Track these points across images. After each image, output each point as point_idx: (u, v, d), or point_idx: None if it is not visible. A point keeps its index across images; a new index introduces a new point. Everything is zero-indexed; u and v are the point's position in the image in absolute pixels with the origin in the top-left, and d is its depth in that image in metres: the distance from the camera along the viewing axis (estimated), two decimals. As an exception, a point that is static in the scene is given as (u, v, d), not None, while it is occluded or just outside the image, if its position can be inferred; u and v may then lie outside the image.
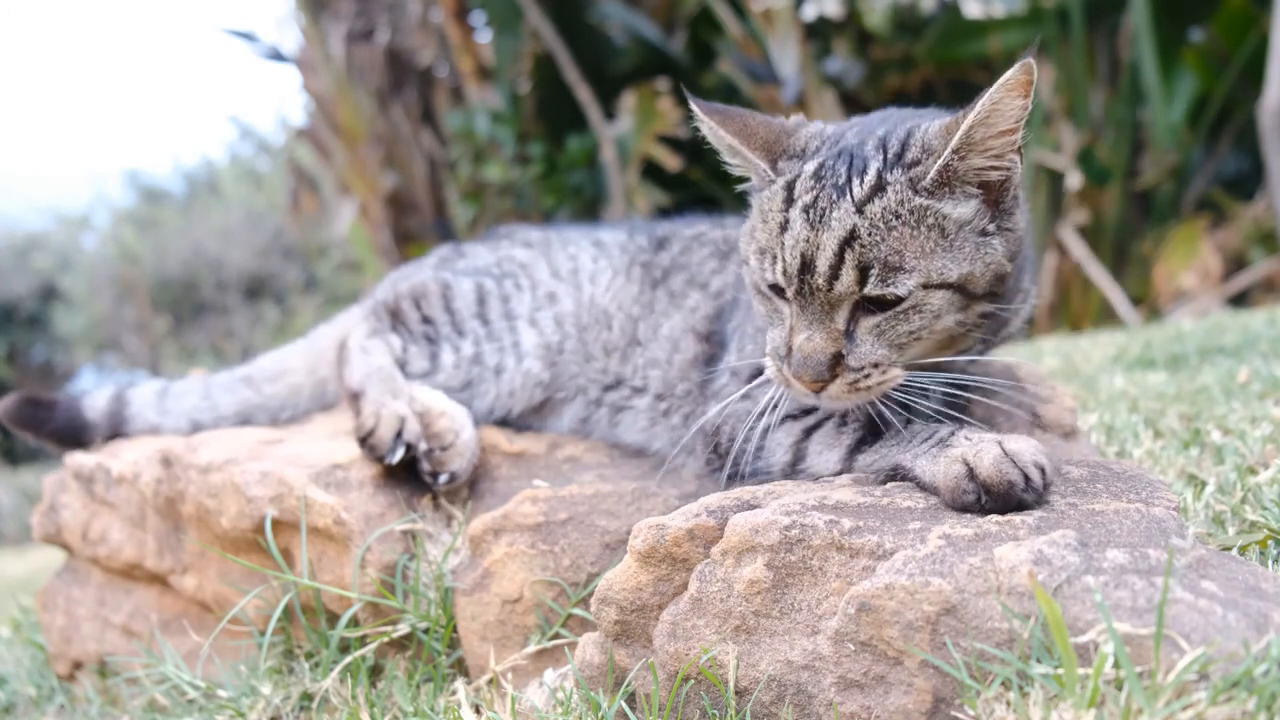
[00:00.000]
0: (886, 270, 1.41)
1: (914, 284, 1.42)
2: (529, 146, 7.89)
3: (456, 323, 2.18)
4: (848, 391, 1.47)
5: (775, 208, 1.51)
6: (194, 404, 2.31)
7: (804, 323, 1.47)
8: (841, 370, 1.45)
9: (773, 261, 1.49)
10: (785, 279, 1.47)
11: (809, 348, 1.45)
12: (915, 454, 1.46)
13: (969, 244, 1.45)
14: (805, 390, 1.48)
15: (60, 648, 2.30)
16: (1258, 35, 6.25)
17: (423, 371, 2.15)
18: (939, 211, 1.43)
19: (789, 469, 1.63)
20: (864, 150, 1.49)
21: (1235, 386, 2.61)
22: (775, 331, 1.53)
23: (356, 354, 2.12)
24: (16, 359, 17.77)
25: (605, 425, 2.11)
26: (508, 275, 2.23)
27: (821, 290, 1.44)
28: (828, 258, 1.42)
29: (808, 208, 1.46)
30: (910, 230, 1.42)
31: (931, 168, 1.43)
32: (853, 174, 1.46)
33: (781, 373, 1.50)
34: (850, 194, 1.44)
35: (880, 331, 1.46)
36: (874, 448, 1.53)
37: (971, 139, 1.41)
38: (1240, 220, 6.62)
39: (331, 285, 15.79)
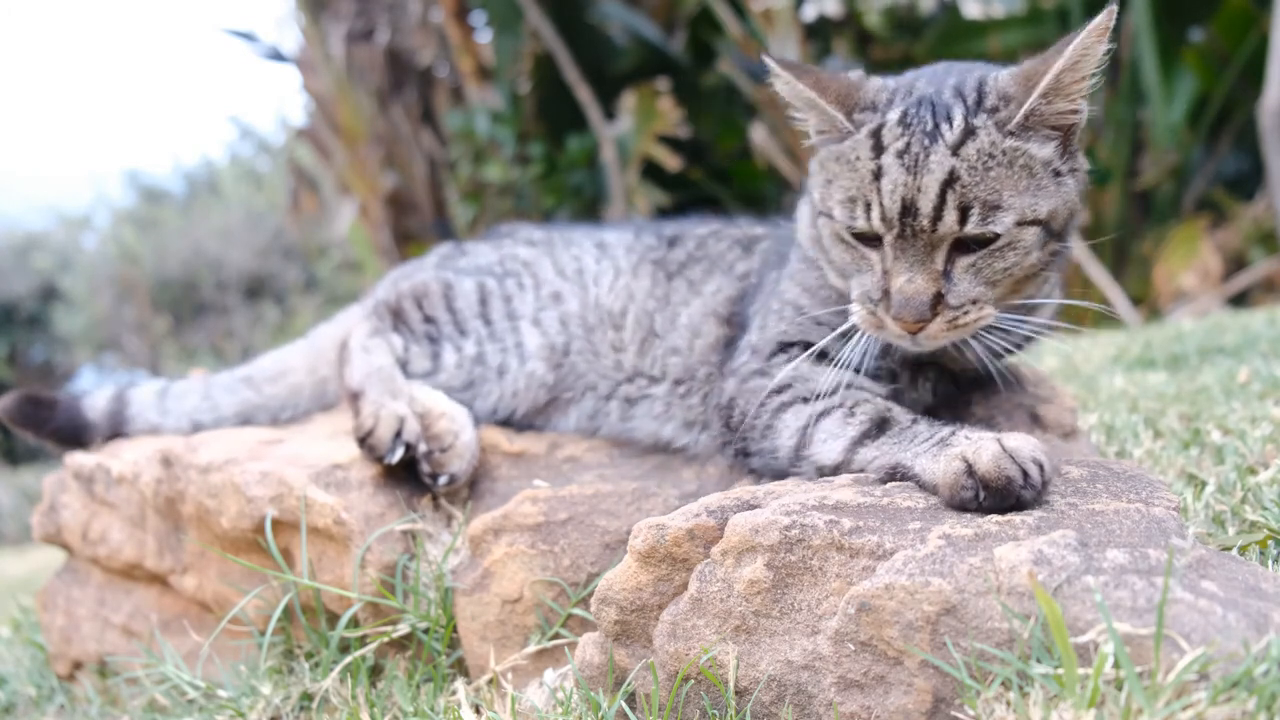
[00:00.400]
0: (986, 209, 1.48)
1: (1011, 221, 1.49)
2: (529, 146, 7.89)
3: (459, 322, 2.18)
4: (946, 329, 1.54)
5: (863, 156, 1.54)
6: (195, 404, 2.31)
7: (904, 265, 1.52)
8: (941, 309, 1.52)
9: (865, 209, 1.53)
10: (884, 224, 1.51)
11: (910, 289, 1.51)
12: (915, 453, 1.48)
13: (1051, 182, 1.53)
14: (900, 331, 1.54)
15: (60, 648, 2.30)
16: (1258, 35, 6.25)
17: (424, 371, 2.15)
18: (1027, 152, 1.51)
19: (793, 453, 1.65)
20: (943, 98, 1.55)
21: (1235, 386, 2.61)
22: (863, 278, 1.59)
23: (357, 354, 2.12)
24: (16, 359, 17.77)
25: (616, 419, 2.09)
26: (510, 274, 2.23)
27: (925, 231, 1.49)
28: (930, 199, 1.48)
29: (901, 153, 1.50)
30: (1004, 170, 1.49)
31: (1018, 111, 1.50)
32: (939, 120, 1.52)
33: (875, 315, 1.56)
34: (943, 138, 1.50)
35: (977, 269, 1.53)
36: (877, 443, 1.56)
37: (1060, 83, 1.49)
38: (1240, 220, 6.62)
39: (331, 285, 15.79)
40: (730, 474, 1.87)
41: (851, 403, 1.63)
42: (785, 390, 1.69)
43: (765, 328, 1.84)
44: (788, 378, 1.69)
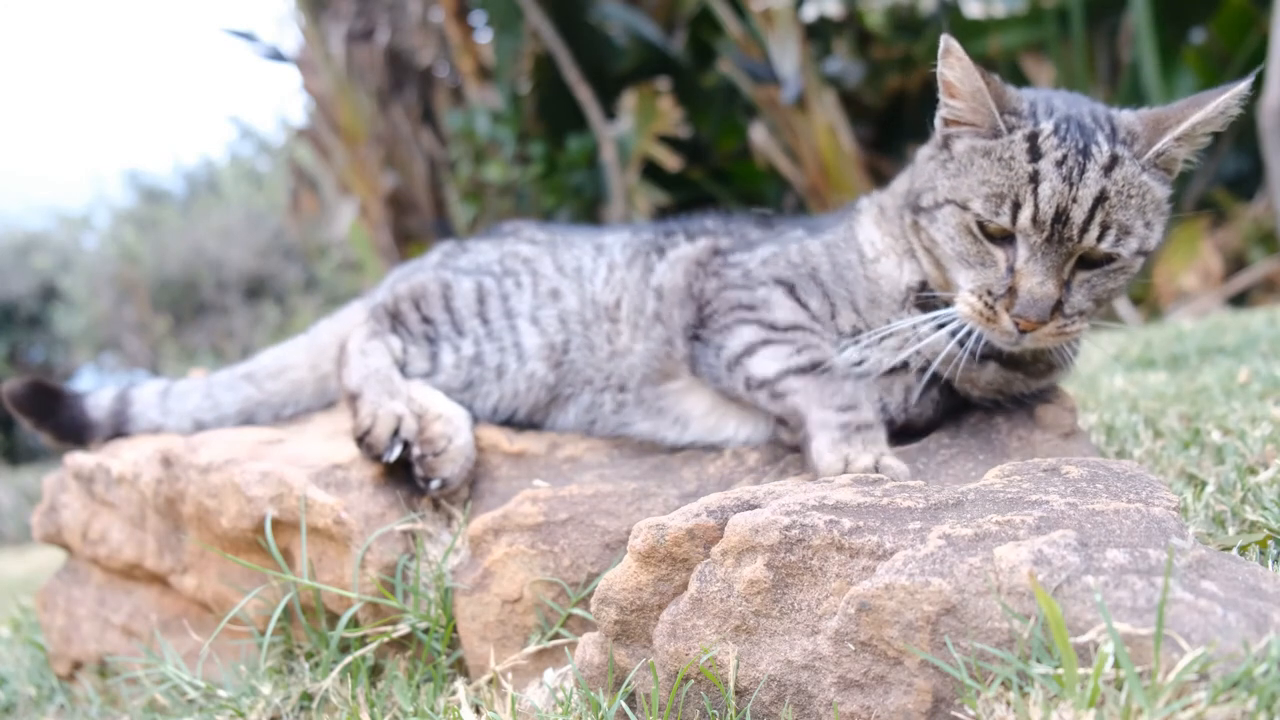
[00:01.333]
0: (1120, 231, 1.59)
1: (1134, 247, 1.61)
2: (529, 146, 7.89)
3: (456, 322, 2.18)
4: (1053, 334, 1.63)
5: (1018, 157, 1.61)
6: (197, 403, 2.31)
7: (1039, 268, 1.59)
8: (1057, 315, 1.61)
9: (1013, 208, 1.60)
10: (1034, 226, 1.58)
11: (1041, 292, 1.59)
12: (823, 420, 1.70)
13: (1160, 222, 1.65)
14: (1011, 328, 1.61)
15: (60, 648, 2.30)
16: (1258, 35, 6.25)
17: (423, 372, 2.15)
18: (1151, 188, 1.62)
19: (734, 358, 1.86)
20: (1085, 121, 1.65)
21: (1235, 386, 2.61)
22: (985, 272, 1.65)
23: (355, 356, 2.12)
24: (16, 359, 17.77)
25: (610, 409, 2.10)
26: (509, 273, 2.23)
27: (1070, 240, 1.58)
28: (1083, 212, 1.57)
29: (1059, 163, 1.58)
30: (1136, 200, 1.60)
31: (1149, 149, 1.61)
32: (1089, 141, 1.61)
33: (990, 308, 1.63)
34: (1095, 158, 1.59)
35: (1090, 285, 1.63)
36: (802, 378, 1.76)
37: (1194, 132, 1.62)
38: (1240, 220, 6.62)
39: (331, 285, 15.79)
40: (730, 473, 1.87)
41: (802, 344, 1.81)
42: (751, 310, 1.89)
43: (771, 264, 1.95)
44: (759, 299, 1.89)
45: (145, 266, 17.13)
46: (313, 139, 9.25)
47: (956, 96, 1.70)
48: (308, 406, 2.37)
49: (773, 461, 1.86)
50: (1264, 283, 6.41)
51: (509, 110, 8.00)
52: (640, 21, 7.86)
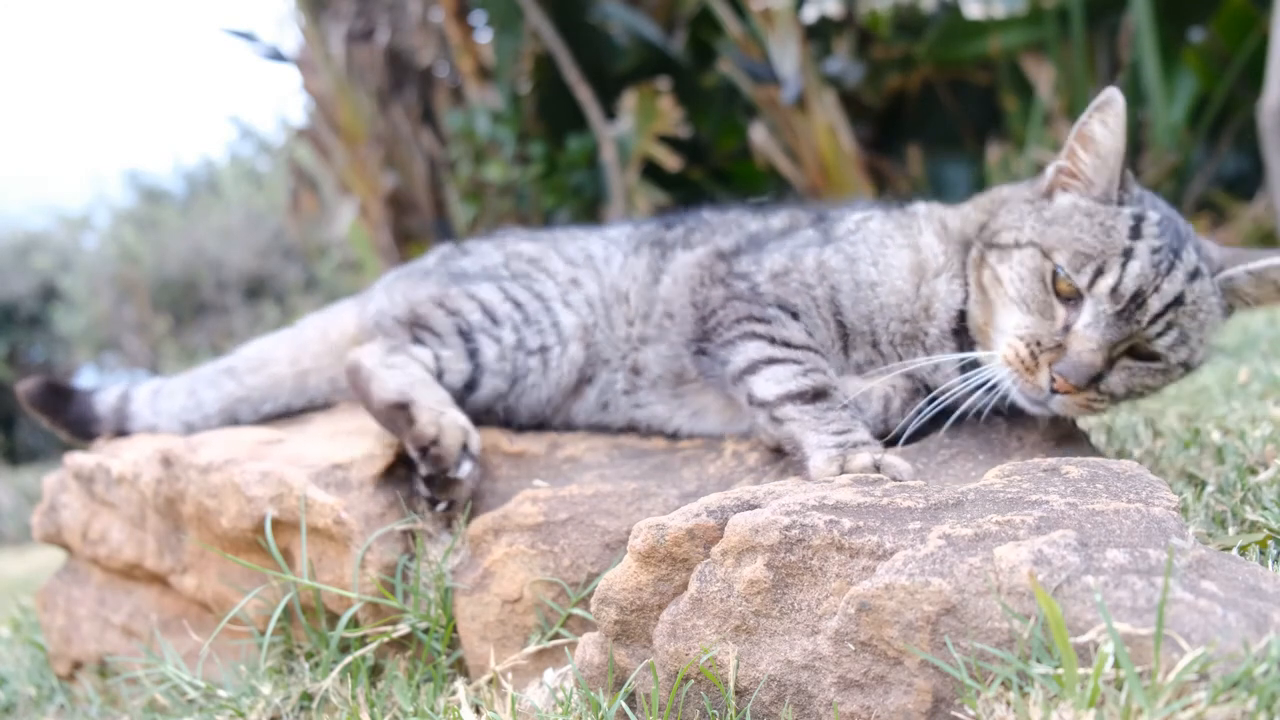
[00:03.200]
0: (1180, 338, 1.64)
1: (1183, 355, 1.66)
2: (529, 146, 7.89)
3: (488, 310, 2.10)
4: (1080, 404, 1.65)
5: (1120, 229, 1.65)
6: (182, 403, 2.31)
7: (1096, 335, 1.61)
8: (1092, 387, 1.63)
9: (1096, 273, 1.63)
10: (1111, 297, 1.61)
11: (1090, 359, 1.61)
12: (819, 443, 1.68)
13: (1208, 343, 1.69)
14: (1045, 386, 1.63)
15: (60, 648, 2.30)
16: (1258, 35, 6.25)
17: (465, 374, 2.06)
18: (1216, 311, 1.67)
19: (738, 373, 1.84)
20: (1181, 229, 1.69)
21: (1235, 386, 2.61)
22: (1038, 322, 1.67)
23: (381, 370, 1.98)
24: (16, 359, 17.76)
25: (622, 388, 2.10)
26: (519, 276, 2.20)
27: (1137, 324, 1.61)
28: (1160, 303, 1.61)
29: (1155, 250, 1.63)
30: (1203, 316, 1.65)
31: (1227, 273, 1.68)
32: (1181, 245, 1.66)
33: (1034, 358, 1.65)
34: (1183, 262, 1.64)
35: (1130, 374, 1.66)
36: (802, 407, 1.74)
37: (1266, 275, 1.67)
38: (1240, 220, 6.62)
39: (331, 285, 15.77)
40: (730, 473, 1.87)
41: (809, 366, 1.80)
42: (762, 323, 1.86)
43: (784, 283, 1.91)
44: (770, 315, 1.87)
45: (145, 266, 17.12)
46: (313, 139, 9.25)
47: (1093, 152, 1.72)
48: (287, 403, 2.33)
49: (773, 461, 1.86)
50: (1264, 283, 6.40)
51: (509, 110, 8.00)
52: (640, 21, 7.86)
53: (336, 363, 2.32)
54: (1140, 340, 1.64)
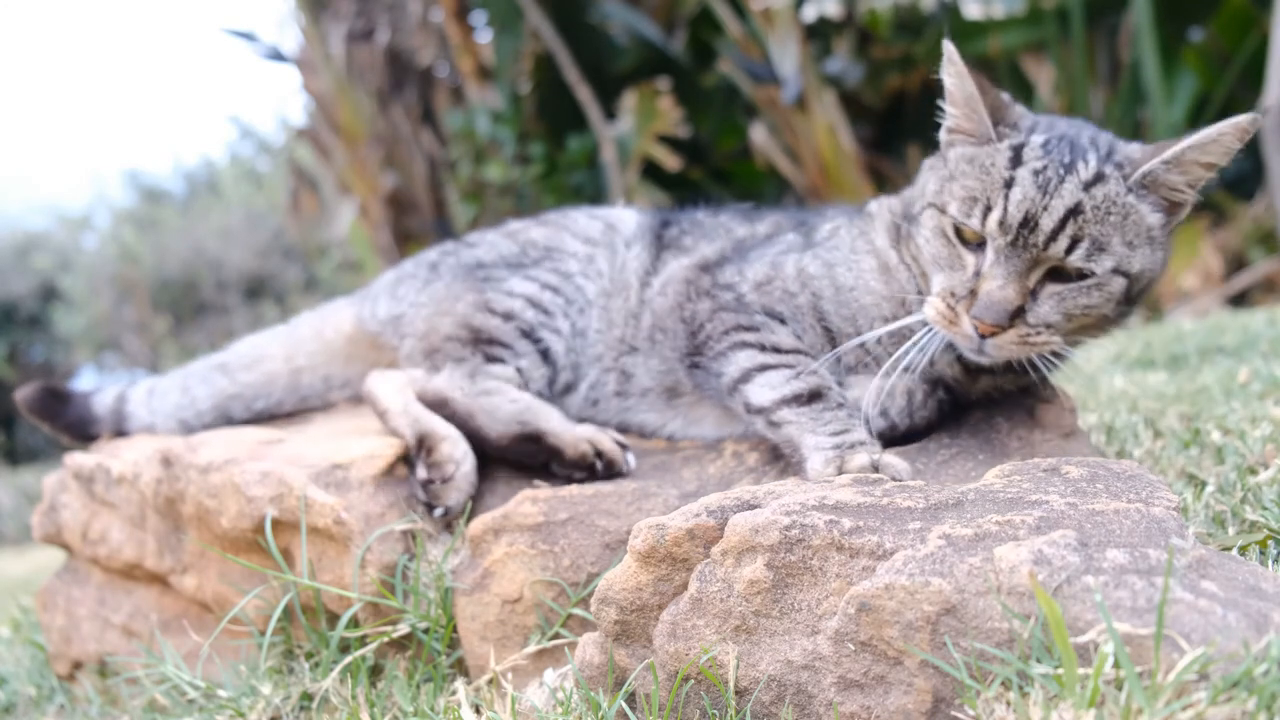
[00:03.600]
0: (1093, 247, 1.59)
1: (1109, 265, 1.61)
2: (529, 146, 7.89)
3: (536, 302, 2.09)
4: (1015, 343, 1.63)
5: (999, 164, 1.65)
6: (175, 400, 2.31)
7: (1000, 272, 1.61)
8: (1019, 323, 1.61)
9: (984, 211, 1.62)
10: (1000, 229, 1.60)
11: (999, 295, 1.60)
12: (816, 444, 1.69)
13: (1147, 247, 1.64)
14: (971, 332, 1.63)
15: (60, 648, 2.30)
16: (1258, 35, 6.25)
17: (545, 378, 2.07)
18: (1139, 211, 1.62)
19: (733, 383, 1.85)
20: (1080, 141, 1.67)
21: (1235, 386, 2.61)
22: (952, 275, 1.68)
23: (480, 399, 1.96)
24: (16, 359, 17.76)
25: (613, 390, 2.10)
26: (537, 262, 2.19)
27: (1035, 248, 1.59)
28: (1053, 220, 1.58)
29: (1037, 173, 1.61)
30: (1119, 220, 1.60)
31: (1140, 169, 1.62)
32: (1076, 158, 1.63)
33: (952, 310, 1.65)
34: (1077, 173, 1.61)
35: (1061, 299, 1.63)
36: (798, 410, 1.75)
37: (1183, 158, 1.61)
38: (1240, 220, 6.62)
39: (331, 285, 15.77)
40: (730, 473, 1.87)
41: (801, 369, 1.80)
42: (751, 331, 1.87)
43: (767, 292, 1.92)
44: (759, 323, 1.88)
45: (145, 266, 17.12)
46: (313, 139, 9.25)
47: (953, 104, 1.74)
48: (279, 401, 2.32)
49: (772, 461, 1.86)
50: (1264, 283, 6.40)
51: (509, 110, 8.00)
52: (640, 21, 7.86)
53: (331, 361, 2.32)
54: (1055, 262, 1.60)
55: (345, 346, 2.31)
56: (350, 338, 2.30)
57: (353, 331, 2.30)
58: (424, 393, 2.01)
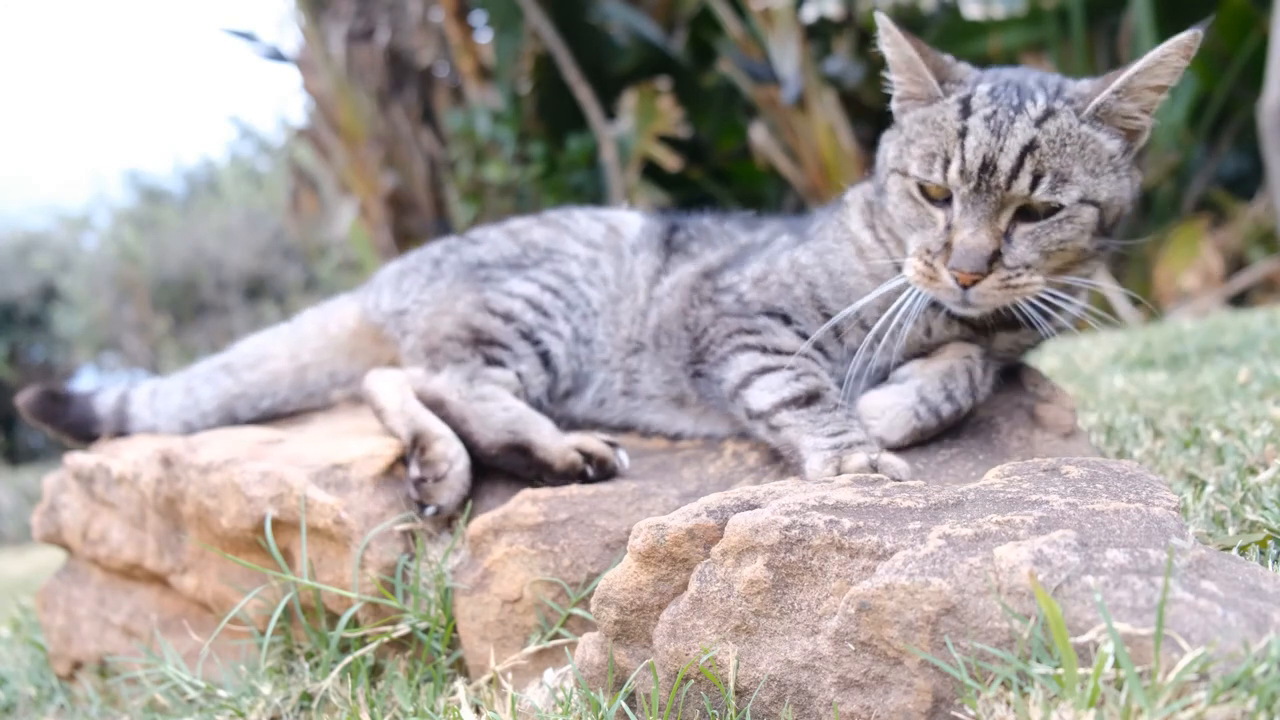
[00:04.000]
0: (1056, 179, 1.61)
1: (1075, 196, 1.62)
2: (529, 146, 7.89)
3: (537, 305, 2.09)
4: (998, 288, 1.64)
5: (950, 118, 1.67)
6: (179, 402, 2.31)
7: (970, 220, 1.63)
8: (997, 267, 1.63)
9: (944, 164, 1.65)
10: (961, 178, 1.63)
11: (973, 242, 1.62)
12: (815, 445, 1.69)
13: (1112, 174, 1.66)
14: (953, 284, 1.64)
15: (60, 648, 2.30)
16: (1258, 35, 6.25)
17: (545, 385, 2.06)
18: (1096, 140, 1.64)
19: (734, 389, 1.85)
20: (1028, 84, 1.70)
21: (1235, 386, 2.61)
22: (925, 233, 1.70)
23: (475, 404, 1.95)
24: (16, 359, 17.77)
25: (619, 389, 2.10)
26: (537, 263, 2.19)
27: (998, 189, 1.61)
28: (1010, 160, 1.60)
29: (988, 118, 1.63)
30: (1076, 149, 1.62)
31: (1092, 102, 1.64)
32: (1025, 98, 1.66)
33: (930, 266, 1.66)
34: (1027, 111, 1.63)
35: (1035, 237, 1.64)
36: (797, 412, 1.75)
37: (1132, 85, 1.63)
38: (1240, 220, 6.62)
39: (331, 285, 15.77)
40: (730, 473, 1.87)
41: (801, 370, 1.81)
42: (753, 334, 1.88)
43: (764, 287, 1.94)
44: (760, 325, 1.89)
45: (145, 266, 17.12)
46: (313, 139, 9.25)
47: (897, 71, 1.77)
48: (285, 399, 2.31)
49: (773, 461, 1.86)
50: (1264, 283, 6.41)
51: (509, 110, 8.00)
52: (640, 21, 7.86)
53: (336, 357, 2.32)
54: (1021, 201, 1.62)
55: (350, 341, 2.31)
56: (354, 332, 2.30)
57: (357, 326, 2.30)
58: (423, 393, 2.01)
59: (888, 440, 1.75)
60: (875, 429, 1.75)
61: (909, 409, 1.76)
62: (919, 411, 1.76)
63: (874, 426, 1.76)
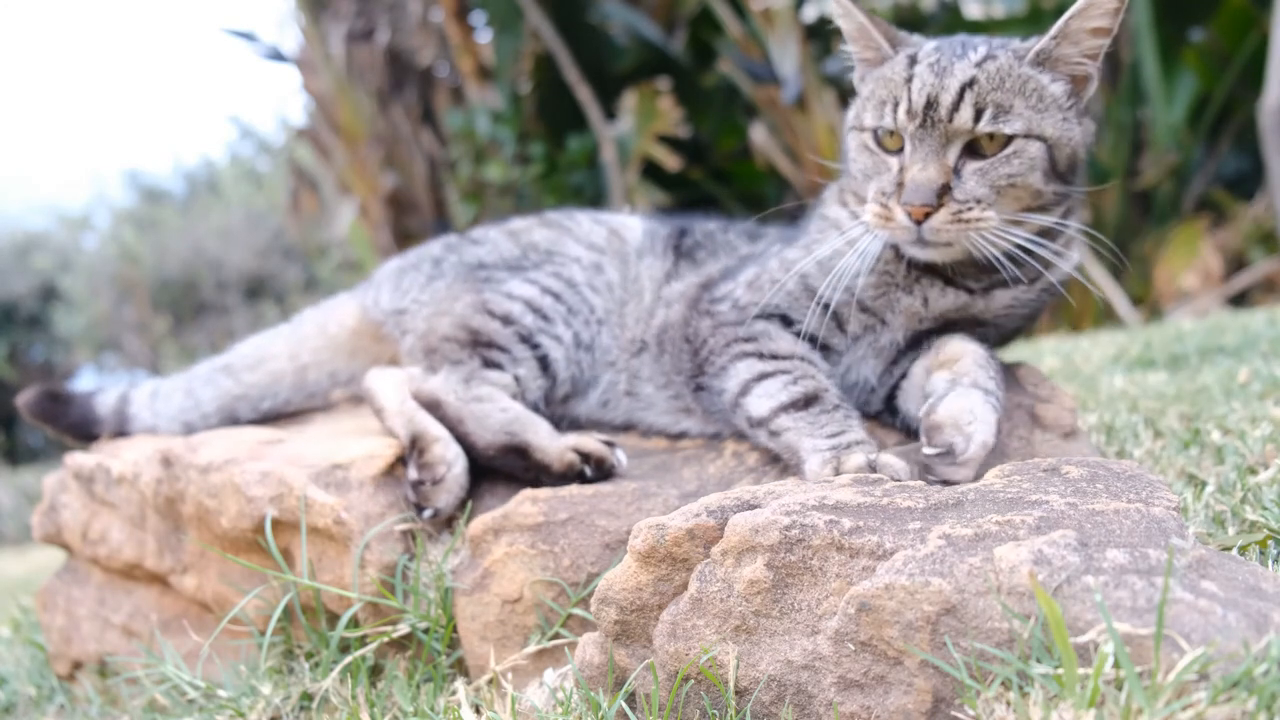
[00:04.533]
0: (998, 110, 1.67)
1: (1019, 127, 1.67)
2: (529, 146, 7.89)
3: (536, 309, 2.08)
4: (950, 221, 1.67)
5: (899, 70, 1.76)
6: (179, 404, 2.31)
7: (919, 156, 1.69)
8: (948, 200, 1.67)
9: (893, 108, 1.73)
10: (908, 116, 1.70)
11: (922, 177, 1.67)
12: (814, 446, 1.69)
13: (1058, 114, 1.72)
14: (906, 222, 1.68)
15: (60, 648, 2.30)
16: (1258, 35, 6.25)
17: (542, 389, 2.06)
18: (1038, 80, 1.71)
19: (734, 398, 1.85)
20: (973, 40, 1.80)
21: (1235, 386, 2.61)
22: (881, 179, 1.75)
23: (471, 405, 1.95)
24: (16, 359, 17.77)
25: (623, 389, 2.11)
26: (538, 265, 2.19)
27: (942, 122, 1.68)
28: (950, 95, 1.68)
29: (933, 64, 1.72)
30: (1018, 87, 1.69)
31: (1033, 48, 1.71)
32: (967, 48, 1.75)
33: (885, 207, 1.71)
34: (969, 57, 1.72)
35: (983, 172, 1.69)
36: (795, 415, 1.76)
37: (1068, 29, 1.69)
38: (1240, 220, 6.62)
39: (331, 285, 15.77)
40: (730, 473, 1.87)
41: (799, 374, 1.81)
42: (750, 341, 1.89)
43: (758, 288, 1.95)
44: (757, 331, 1.90)
45: (145, 266, 17.13)
46: (313, 139, 9.26)
47: (852, 41, 1.87)
48: (286, 399, 2.31)
49: (773, 462, 1.86)
50: (1264, 283, 6.41)
51: (509, 110, 8.00)
52: (640, 21, 7.87)
53: (336, 356, 2.31)
54: (966, 135, 1.68)
55: (350, 340, 2.31)
56: (354, 331, 2.30)
57: (356, 325, 2.30)
58: (419, 392, 2.01)
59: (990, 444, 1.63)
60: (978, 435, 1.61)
61: (985, 404, 1.67)
62: (992, 404, 1.69)
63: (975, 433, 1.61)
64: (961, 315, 1.87)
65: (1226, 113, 6.73)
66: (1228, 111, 6.72)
